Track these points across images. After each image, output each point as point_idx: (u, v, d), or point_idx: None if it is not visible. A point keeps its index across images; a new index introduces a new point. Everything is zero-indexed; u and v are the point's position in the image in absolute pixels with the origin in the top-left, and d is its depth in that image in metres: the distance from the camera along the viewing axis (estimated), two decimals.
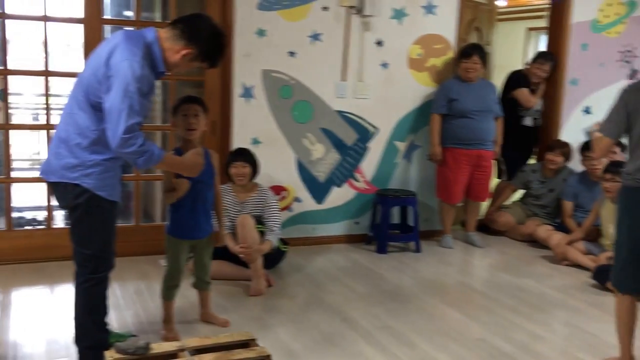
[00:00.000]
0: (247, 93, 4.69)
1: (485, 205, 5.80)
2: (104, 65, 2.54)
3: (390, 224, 5.15)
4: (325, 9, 4.80)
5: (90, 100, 2.59)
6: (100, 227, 2.72)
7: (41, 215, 4.56)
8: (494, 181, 5.74)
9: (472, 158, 5.10)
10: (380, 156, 5.20)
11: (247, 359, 2.73)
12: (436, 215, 5.42)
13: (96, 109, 2.58)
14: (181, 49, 2.67)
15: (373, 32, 4.99)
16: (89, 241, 2.71)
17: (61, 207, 2.77)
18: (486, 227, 5.72)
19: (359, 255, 4.90)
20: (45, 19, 4.17)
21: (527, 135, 5.74)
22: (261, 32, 4.65)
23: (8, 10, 4.12)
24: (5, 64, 4.16)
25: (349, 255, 4.91)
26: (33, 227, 4.79)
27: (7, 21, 4.14)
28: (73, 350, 2.92)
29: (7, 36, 4.16)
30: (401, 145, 5.27)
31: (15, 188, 4.37)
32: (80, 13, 4.25)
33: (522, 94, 5.55)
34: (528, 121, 5.66)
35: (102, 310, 2.86)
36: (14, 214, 4.47)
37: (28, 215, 5.04)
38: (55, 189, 2.71)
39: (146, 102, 2.61)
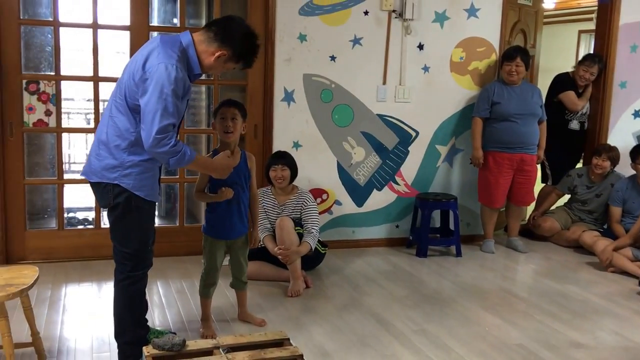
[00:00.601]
0: (288, 97, 4.76)
1: (530, 210, 5.72)
2: (140, 69, 2.64)
3: (431, 228, 5.15)
4: (366, 13, 4.84)
5: (128, 103, 2.70)
6: (138, 226, 2.82)
7: (92, 215, 4.73)
8: (539, 185, 5.65)
9: (514, 162, 5.04)
10: (421, 160, 5.19)
11: (279, 358, 2.78)
12: (478, 219, 5.37)
13: (134, 111, 2.69)
14: (215, 50, 2.75)
15: (414, 35, 4.99)
16: (128, 240, 2.81)
17: (101, 206, 2.88)
18: (530, 232, 5.64)
19: (398, 259, 4.91)
20: (95, 26, 4.34)
21: (574, 139, 5.63)
22: (302, 37, 4.72)
23: (61, 18, 4.32)
24: (58, 70, 4.35)
25: (389, 258, 4.92)
26: (84, 227, 4.97)
27: (60, 29, 4.33)
28: (115, 346, 3.03)
29: (60, 43, 4.35)
30: (442, 149, 5.25)
31: (67, 189, 4.56)
32: (127, 21, 4.40)
33: (569, 97, 5.45)
34: (575, 125, 5.56)
35: (141, 306, 2.96)
36: (69, 214, 4.66)
37: (80, 215, 5.24)
38: (96, 189, 2.82)
39: (181, 105, 2.69)
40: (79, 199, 4.98)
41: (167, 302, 3.83)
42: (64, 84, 4.45)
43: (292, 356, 2.81)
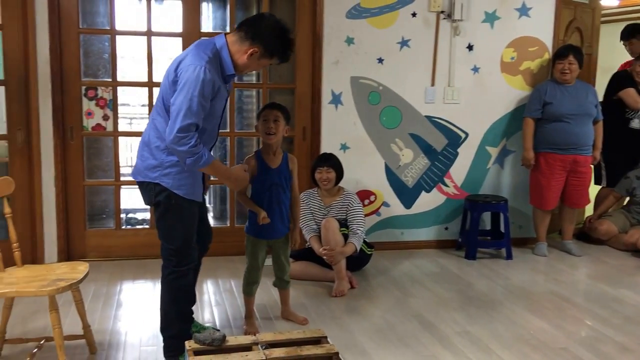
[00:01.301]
0: (336, 100, 4.81)
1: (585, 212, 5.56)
2: (173, 71, 2.77)
3: (481, 230, 5.10)
4: (414, 15, 4.84)
5: (165, 105, 2.82)
6: (180, 223, 2.92)
7: (147, 215, 4.92)
8: (594, 187, 5.49)
9: (567, 163, 4.92)
10: (470, 161, 5.14)
11: (315, 355, 2.84)
12: (530, 222, 5.27)
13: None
14: (247, 49, 2.83)
15: (463, 36, 4.96)
16: (171, 236, 2.93)
17: (146, 204, 3.02)
18: (587, 235, 5.49)
19: (446, 261, 4.88)
20: (149, 33, 4.52)
21: (634, 139, 5.44)
22: (350, 40, 4.76)
23: (118, 27, 4.52)
24: (114, 76, 4.55)
25: (437, 260, 4.90)
26: (142, 227, 5.16)
27: (117, 37, 4.53)
28: (161, 340, 3.16)
29: (117, 51, 4.55)
30: (493, 151, 5.18)
31: (124, 191, 4.76)
32: (180, 28, 4.56)
33: (629, 94, 5.29)
34: (636, 124, 5.37)
35: (186, 301, 3.07)
36: (128, 215, 4.85)
37: (139, 215, 5.44)
38: (141, 188, 2.97)
39: (210, 105, 2.77)
40: (135, 199, 5.17)
41: (215, 301, 3.94)
42: (120, 90, 4.66)
43: (328, 354, 2.86)
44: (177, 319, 3.04)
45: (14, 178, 3.97)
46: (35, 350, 3.00)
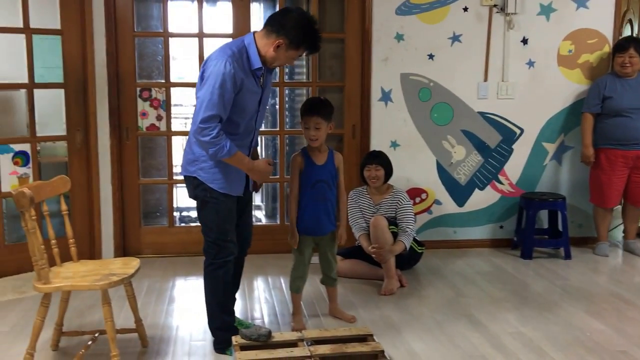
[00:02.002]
0: (386, 97, 4.78)
1: None
2: (202, 68, 2.91)
3: (539, 229, 4.96)
4: (465, 9, 4.75)
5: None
6: (215, 216, 3.00)
7: None
8: None
9: (629, 159, 4.73)
10: (526, 158, 5.01)
11: (360, 352, 2.83)
12: (591, 220, 5.09)
13: None
14: (273, 41, 2.88)
15: (517, 30, 4.83)
16: (209, 229, 3.03)
17: (189, 197, 3.13)
18: None
19: (501, 260, 4.76)
20: (201, 35, 4.60)
21: None
22: (399, 37, 4.72)
23: (170, 29, 4.62)
24: (167, 77, 4.65)
25: (491, 259, 4.79)
26: (194, 224, 5.25)
27: (170, 39, 4.63)
28: (209, 335, 3.21)
29: (170, 52, 4.65)
30: (550, 147, 5.03)
31: (177, 189, 4.86)
32: (230, 29, 4.63)
33: None
34: None
35: (225, 294, 3.13)
36: (182, 213, 4.94)
37: (192, 214, 5.54)
38: (185, 182, 3.09)
39: (237, 98, 2.84)
40: (187, 198, 5.27)
41: (264, 298, 3.98)
42: (173, 91, 4.76)
43: (373, 351, 2.84)
44: (218, 310, 3.12)
45: (72, 177, 4.15)
46: (90, 342, 3.09)
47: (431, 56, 4.77)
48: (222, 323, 3.11)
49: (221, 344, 3.12)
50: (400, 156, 4.74)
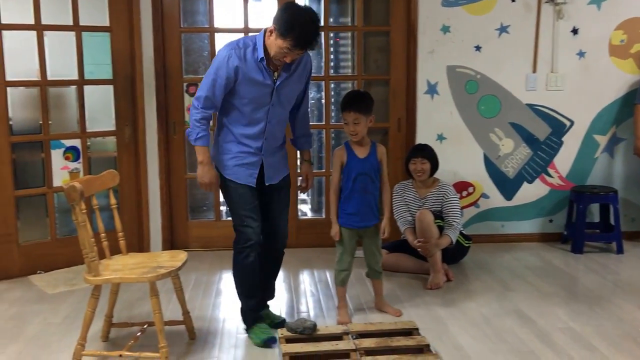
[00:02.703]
0: (432, 89, 4.72)
1: None
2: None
3: (590, 223, 4.84)
4: (513, 0, 4.66)
5: None
6: (231, 203, 3.16)
7: None
8: None
9: None
10: (576, 151, 4.89)
11: (405, 346, 2.81)
12: None
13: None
14: (270, 29, 2.94)
15: (567, 20, 4.71)
16: (231, 215, 3.18)
17: None
18: None
19: (551, 255, 4.67)
20: (246, 30, 4.62)
21: None
22: (445, 28, 4.66)
23: (216, 25, 4.67)
24: None
25: (540, 254, 4.69)
26: None
27: (215, 34, 4.68)
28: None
29: (215, 48, 4.70)
30: (601, 139, 4.90)
31: None
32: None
33: None
34: None
35: (248, 279, 3.20)
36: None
37: None
38: None
39: (236, 87, 2.97)
40: None
41: (310, 291, 3.99)
42: None
43: (418, 345, 2.83)
44: (242, 293, 3.25)
45: (121, 172, 4.23)
46: (139, 334, 3.15)
47: (478, 48, 4.70)
48: (245, 306, 3.26)
49: (245, 322, 3.30)
50: (446, 149, 4.68)
